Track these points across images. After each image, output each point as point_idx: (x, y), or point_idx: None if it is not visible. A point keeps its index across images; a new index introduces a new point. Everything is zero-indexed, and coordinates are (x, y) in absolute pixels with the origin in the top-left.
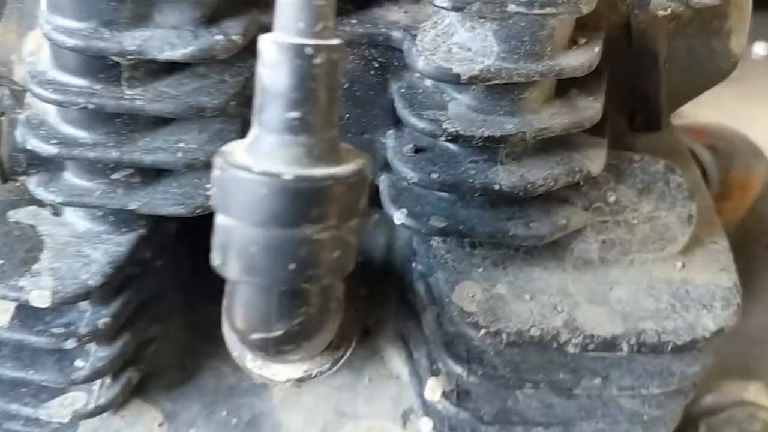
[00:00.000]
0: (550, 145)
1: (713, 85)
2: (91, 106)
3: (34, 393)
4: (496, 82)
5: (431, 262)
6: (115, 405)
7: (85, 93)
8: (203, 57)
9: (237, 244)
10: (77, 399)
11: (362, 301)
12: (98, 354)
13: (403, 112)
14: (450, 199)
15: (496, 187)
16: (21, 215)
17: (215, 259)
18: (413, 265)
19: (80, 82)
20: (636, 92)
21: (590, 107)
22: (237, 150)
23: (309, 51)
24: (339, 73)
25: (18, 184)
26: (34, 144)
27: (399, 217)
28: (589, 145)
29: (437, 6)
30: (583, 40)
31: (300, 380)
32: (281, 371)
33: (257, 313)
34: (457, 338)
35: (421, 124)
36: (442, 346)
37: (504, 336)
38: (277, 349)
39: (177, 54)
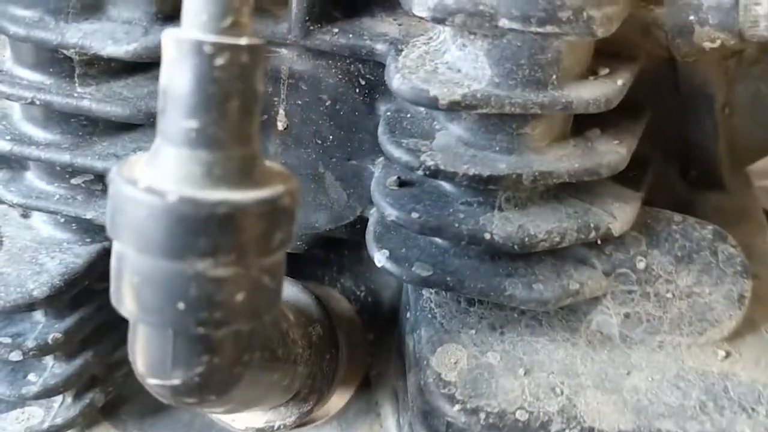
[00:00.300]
0: (564, 193)
1: None
2: (37, 102)
3: None
4: (484, 110)
5: (418, 316)
6: (74, 426)
7: (34, 88)
8: (150, 56)
9: (127, 274)
10: (33, 415)
11: (363, 347)
12: (54, 370)
13: (382, 137)
14: (442, 245)
15: (487, 236)
16: None
17: (111, 294)
18: (407, 315)
19: (34, 76)
20: (688, 141)
21: (613, 152)
22: (137, 162)
23: (208, 49)
24: (253, 78)
25: None
26: None
27: (379, 258)
28: (614, 198)
29: (416, 15)
30: (606, 71)
31: (260, 431)
32: (240, 418)
33: (152, 356)
34: (436, 410)
35: (396, 153)
36: (420, 416)
37: (482, 415)
38: (178, 399)
39: (120, 51)
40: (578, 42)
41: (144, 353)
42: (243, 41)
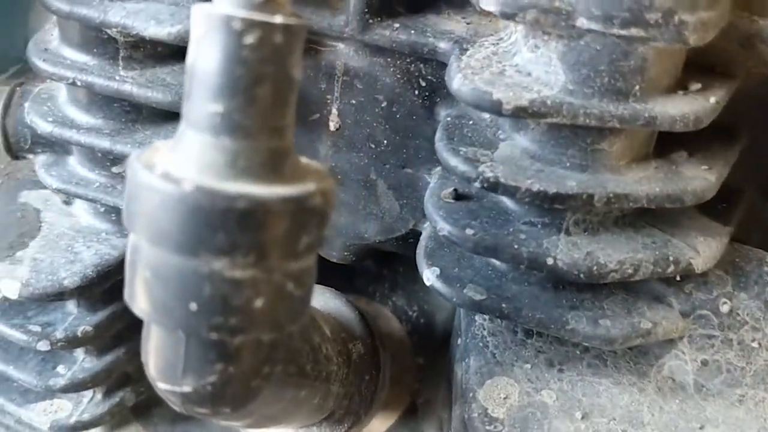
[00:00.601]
0: (642, 221)
1: None
2: (78, 83)
3: (23, 392)
4: (554, 120)
5: (468, 343)
6: (101, 423)
7: (77, 68)
8: None
9: (140, 268)
10: (62, 408)
11: (412, 372)
12: (84, 364)
13: (439, 144)
14: (500, 268)
15: (549, 261)
16: (31, 197)
17: (125, 290)
18: (458, 341)
19: (78, 57)
20: None
21: (700, 178)
22: (160, 148)
23: (237, 25)
24: (287, 62)
25: None
26: (33, 119)
27: (428, 276)
28: (699, 231)
29: (484, 8)
30: (697, 86)
31: None
32: None
33: (164, 360)
34: None
35: (453, 162)
36: None
37: None
38: (189, 407)
39: (162, 32)
40: (667, 49)
41: (156, 355)
42: (277, 19)
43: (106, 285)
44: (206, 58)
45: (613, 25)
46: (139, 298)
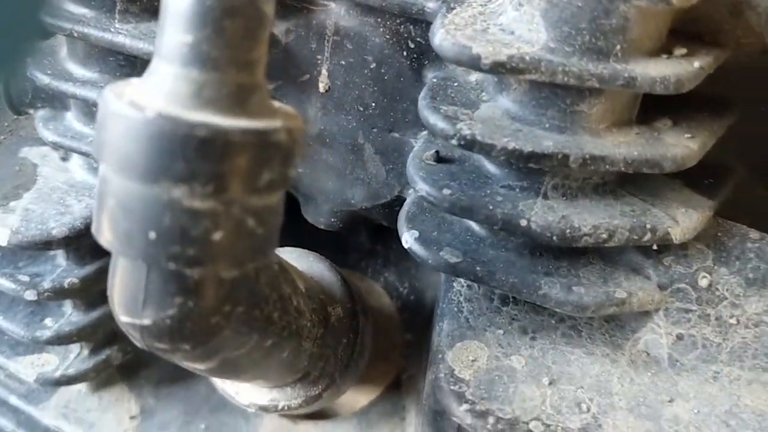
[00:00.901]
0: (624, 189)
1: None
2: (75, 34)
3: (13, 345)
4: (533, 77)
5: (444, 308)
6: (86, 379)
7: (75, 20)
8: None
9: (106, 197)
10: (48, 362)
11: (400, 348)
12: (71, 318)
13: (422, 102)
14: (479, 233)
15: (523, 222)
16: (32, 153)
17: (93, 223)
18: (438, 307)
19: (77, 9)
20: None
21: (682, 146)
22: (134, 81)
23: None
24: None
25: None
26: (33, 72)
27: (407, 239)
28: (681, 203)
29: None
30: (682, 51)
31: (263, 408)
32: (244, 392)
33: (126, 292)
34: (444, 409)
35: (432, 119)
36: (431, 415)
37: (491, 420)
38: (149, 342)
39: None
40: (650, 9)
41: (119, 288)
42: None
43: (93, 238)
44: None
45: None
46: (104, 229)
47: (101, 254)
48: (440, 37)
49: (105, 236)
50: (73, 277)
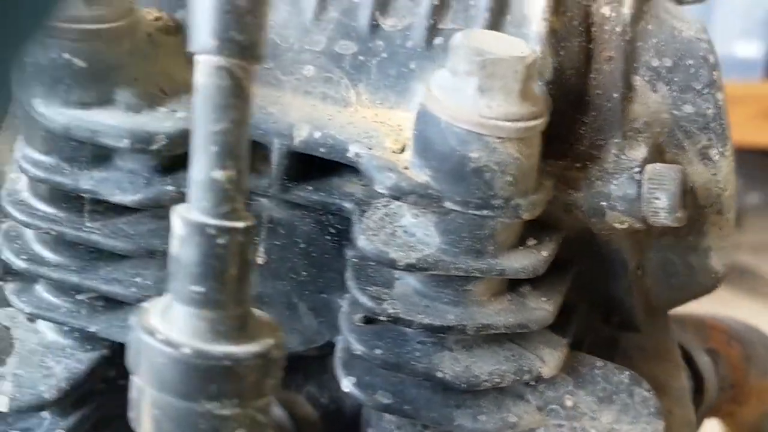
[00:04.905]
0: (502, 339)
1: (695, 298)
2: (53, 233)
3: None
4: (434, 272)
5: None
6: None
7: (49, 219)
8: (152, 205)
9: (146, 405)
10: None
11: None
12: None
13: (349, 283)
14: (401, 375)
15: (439, 374)
16: (1, 316)
17: (131, 414)
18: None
19: (47, 208)
20: (608, 294)
21: (541, 309)
22: (152, 311)
23: (211, 231)
24: (247, 253)
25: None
26: (7, 255)
27: (346, 384)
28: (545, 344)
29: (377, 190)
30: (533, 242)
31: None
32: None
33: None
34: None
35: (362, 299)
36: None
37: None
38: None
39: (127, 199)
40: (509, 222)
41: None
42: (240, 224)
43: (76, 394)
44: (187, 253)
45: (470, 207)
46: (143, 425)
47: (81, 405)
48: (362, 243)
49: (144, 430)
50: (60, 429)
